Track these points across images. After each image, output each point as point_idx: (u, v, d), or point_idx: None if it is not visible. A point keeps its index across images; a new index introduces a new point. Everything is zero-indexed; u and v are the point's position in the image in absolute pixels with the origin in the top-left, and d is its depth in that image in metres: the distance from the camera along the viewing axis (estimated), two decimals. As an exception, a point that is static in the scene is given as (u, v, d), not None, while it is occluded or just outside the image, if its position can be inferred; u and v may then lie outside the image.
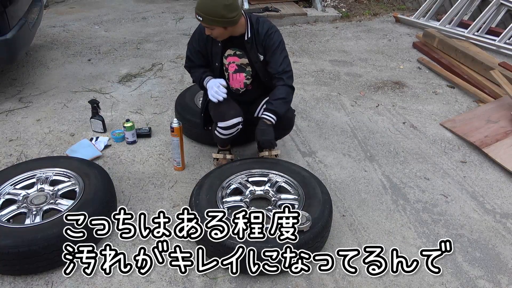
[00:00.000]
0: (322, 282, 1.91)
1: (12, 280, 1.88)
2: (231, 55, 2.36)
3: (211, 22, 2.12)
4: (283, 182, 2.27)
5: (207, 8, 2.09)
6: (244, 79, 2.42)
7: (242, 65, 2.38)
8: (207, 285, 1.88)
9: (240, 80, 2.43)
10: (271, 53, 2.27)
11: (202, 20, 2.13)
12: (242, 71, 2.40)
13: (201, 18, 2.12)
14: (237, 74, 2.41)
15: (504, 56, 4.34)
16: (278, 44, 2.27)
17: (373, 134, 3.08)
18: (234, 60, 2.38)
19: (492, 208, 2.38)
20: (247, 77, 2.41)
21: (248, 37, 2.26)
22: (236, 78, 2.42)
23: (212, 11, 2.08)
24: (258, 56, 2.31)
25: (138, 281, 1.89)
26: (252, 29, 2.26)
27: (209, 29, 2.18)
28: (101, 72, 4.02)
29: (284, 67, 2.28)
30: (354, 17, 5.91)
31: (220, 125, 2.34)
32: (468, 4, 4.88)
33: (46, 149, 2.83)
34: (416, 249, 2.10)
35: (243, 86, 2.45)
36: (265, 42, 2.26)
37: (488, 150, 2.80)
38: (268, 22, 2.30)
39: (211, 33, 2.20)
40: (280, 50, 2.28)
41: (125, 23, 5.55)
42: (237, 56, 2.36)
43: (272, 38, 2.25)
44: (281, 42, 2.29)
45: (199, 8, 2.12)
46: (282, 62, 2.28)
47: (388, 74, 4.09)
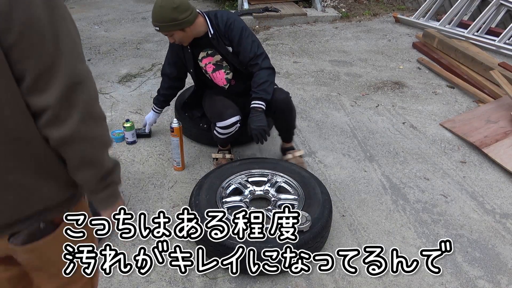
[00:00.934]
0: (322, 282, 1.91)
1: (11, 280, 1.88)
2: (205, 56, 2.41)
3: (167, 28, 2.18)
4: (283, 182, 2.27)
5: (158, 16, 2.16)
6: (224, 75, 2.46)
7: (217, 62, 2.42)
8: (207, 285, 1.88)
9: (221, 78, 2.47)
10: (237, 43, 2.28)
11: (159, 30, 2.20)
12: (220, 68, 2.44)
13: (158, 28, 2.19)
14: (217, 73, 2.45)
15: (503, 56, 4.34)
16: (241, 32, 2.27)
17: (373, 134, 3.08)
18: (209, 61, 2.43)
19: (491, 208, 2.38)
20: (226, 72, 2.46)
21: (211, 34, 2.29)
22: (217, 76, 2.47)
23: (163, 17, 2.14)
24: (227, 49, 2.33)
25: (138, 281, 1.89)
26: (212, 25, 2.29)
27: (170, 36, 2.24)
28: (100, 72, 4.02)
29: (254, 51, 2.28)
30: (354, 17, 5.91)
31: (219, 125, 2.34)
32: (468, 4, 4.88)
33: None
34: (416, 249, 2.10)
35: (226, 82, 2.48)
36: (228, 33, 2.28)
37: (487, 150, 2.81)
38: (225, 13, 2.32)
39: (174, 39, 2.26)
40: (245, 37, 2.28)
41: (125, 23, 5.55)
42: (210, 56, 2.40)
43: (233, 28, 2.27)
44: (243, 28, 2.28)
45: (153, 19, 2.20)
46: (251, 47, 2.28)
47: (388, 74, 4.10)
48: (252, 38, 2.30)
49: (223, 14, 2.31)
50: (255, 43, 2.30)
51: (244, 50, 2.28)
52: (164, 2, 2.14)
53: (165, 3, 2.14)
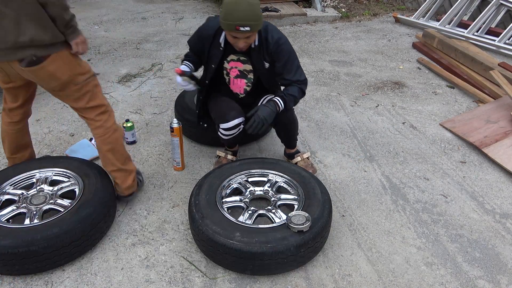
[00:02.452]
0: (322, 282, 1.91)
1: (11, 280, 1.88)
2: (234, 60, 2.32)
3: (256, 27, 2.04)
4: (282, 182, 2.27)
5: (250, 14, 1.99)
6: (244, 85, 2.41)
7: (244, 71, 2.35)
8: (206, 285, 1.88)
9: (241, 86, 2.42)
10: (282, 64, 2.22)
11: (250, 30, 2.02)
12: (243, 77, 2.38)
13: (249, 28, 2.01)
14: (238, 80, 2.40)
15: (503, 56, 4.34)
16: (289, 55, 2.21)
17: (372, 134, 3.08)
18: (236, 66, 2.34)
19: (491, 208, 2.38)
20: (247, 84, 2.40)
21: (255, 45, 2.21)
22: (237, 84, 2.42)
23: (256, 15, 2.00)
24: (264, 63, 2.26)
25: (138, 281, 1.89)
26: (260, 36, 2.20)
27: (247, 37, 2.08)
28: (100, 72, 4.02)
29: (298, 77, 2.26)
30: (353, 17, 5.91)
31: (222, 126, 2.34)
32: (467, 4, 4.88)
33: (45, 149, 2.83)
34: (416, 249, 2.10)
35: (242, 92, 2.44)
36: (275, 52, 2.20)
37: (487, 150, 2.81)
38: (276, 30, 2.23)
39: (246, 43, 2.11)
40: (292, 60, 2.23)
41: (125, 23, 5.55)
42: (241, 62, 2.32)
43: (284, 49, 2.19)
44: (291, 52, 2.23)
45: (243, 18, 1.99)
46: (295, 72, 2.25)
47: (388, 74, 4.10)
48: (297, 63, 2.26)
49: (273, 30, 2.21)
50: (299, 69, 2.27)
51: (287, 73, 2.24)
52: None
53: (252, 0, 2.00)
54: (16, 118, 2.20)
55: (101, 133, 2.09)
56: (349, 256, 2.05)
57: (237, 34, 2.05)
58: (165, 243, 2.10)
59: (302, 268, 1.96)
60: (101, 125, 2.08)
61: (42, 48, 1.80)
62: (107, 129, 2.09)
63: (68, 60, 1.90)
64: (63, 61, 1.88)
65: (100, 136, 2.10)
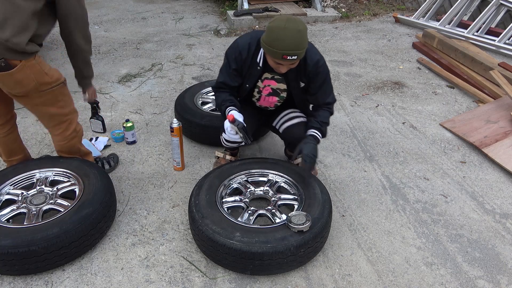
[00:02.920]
0: (322, 282, 1.91)
1: (11, 280, 1.88)
2: (268, 78, 2.24)
3: (302, 55, 1.98)
4: (282, 182, 2.27)
5: (300, 42, 1.91)
6: (275, 102, 2.34)
7: (278, 89, 2.27)
8: (206, 285, 1.88)
9: (272, 102, 2.34)
10: (318, 86, 2.18)
11: (296, 59, 1.94)
12: (275, 95, 2.30)
13: (296, 57, 1.93)
14: (270, 97, 2.31)
15: (503, 56, 4.34)
16: (325, 77, 2.18)
17: (372, 134, 3.08)
18: (270, 84, 2.26)
19: (491, 208, 2.38)
20: (279, 101, 2.33)
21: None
22: (268, 100, 2.33)
23: (304, 43, 1.94)
24: (299, 83, 2.21)
25: (138, 281, 1.89)
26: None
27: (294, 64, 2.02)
28: (100, 72, 4.02)
29: (330, 100, 2.26)
30: (353, 17, 5.91)
31: (225, 136, 2.33)
32: (467, 4, 4.88)
33: (45, 149, 2.83)
34: (416, 249, 2.10)
35: (273, 106, 2.37)
36: (312, 73, 2.13)
37: (487, 150, 2.81)
38: (315, 50, 2.14)
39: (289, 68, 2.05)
40: (327, 83, 2.21)
41: (125, 23, 5.55)
42: (275, 81, 2.23)
43: (322, 71, 2.14)
44: (328, 74, 2.20)
45: (292, 48, 1.90)
46: (329, 95, 2.25)
47: (388, 74, 4.10)
48: (331, 86, 2.25)
49: (312, 50, 2.12)
50: (332, 91, 2.27)
51: (322, 95, 2.23)
52: (300, 25, 1.91)
53: (301, 26, 1.91)
54: (0, 122, 2.19)
55: (58, 140, 2.23)
56: (349, 256, 2.05)
57: (285, 62, 1.97)
58: (165, 243, 2.10)
59: (302, 268, 1.96)
60: (59, 133, 2.20)
61: (13, 52, 1.81)
62: (65, 138, 2.22)
63: (36, 70, 1.92)
64: (31, 70, 1.90)
65: (56, 142, 2.24)
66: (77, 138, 2.29)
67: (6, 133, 2.23)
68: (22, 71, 1.87)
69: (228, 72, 2.21)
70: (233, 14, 5.40)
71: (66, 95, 2.13)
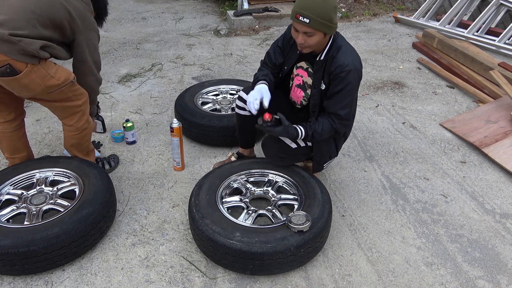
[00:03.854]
0: (322, 282, 1.91)
1: (11, 280, 1.88)
2: (303, 68, 2.15)
3: (319, 25, 1.84)
4: (282, 182, 2.27)
5: (317, 8, 1.81)
6: (301, 98, 2.23)
7: (306, 84, 2.16)
8: (206, 285, 1.88)
9: (299, 97, 2.24)
10: (334, 91, 2.01)
11: (308, 23, 1.83)
12: (303, 89, 2.19)
13: (308, 20, 1.82)
14: (298, 90, 2.22)
15: (503, 56, 4.34)
16: (346, 86, 1.97)
17: (372, 134, 3.08)
18: (302, 74, 2.16)
19: (491, 208, 2.38)
20: (304, 98, 2.22)
21: (320, 59, 2.01)
22: (296, 93, 2.24)
23: (323, 12, 1.82)
24: (321, 84, 2.06)
25: (138, 281, 1.89)
26: (328, 52, 2.00)
27: (308, 35, 1.89)
28: (101, 72, 4.01)
29: (339, 111, 2.02)
30: (353, 17, 5.91)
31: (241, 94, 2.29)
32: (467, 4, 4.88)
33: (45, 149, 2.83)
34: (416, 249, 2.10)
35: (299, 103, 2.27)
36: (334, 74, 1.98)
37: (487, 150, 2.81)
38: (351, 55, 1.99)
39: (306, 40, 1.91)
40: (345, 94, 1.99)
41: (125, 23, 5.55)
42: (307, 73, 2.13)
43: (343, 77, 1.95)
44: (351, 85, 1.98)
45: (306, 8, 1.82)
46: (341, 107, 2.02)
47: (388, 74, 4.10)
48: (349, 100, 2.02)
49: (348, 53, 1.98)
50: (348, 106, 2.03)
51: (335, 102, 2.02)
52: None
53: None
54: (10, 117, 2.21)
55: (70, 130, 2.24)
56: (349, 256, 2.05)
57: (297, 25, 1.88)
58: (165, 243, 2.10)
59: (302, 268, 1.96)
60: (73, 124, 2.21)
61: (22, 54, 1.82)
62: (77, 129, 2.24)
63: (41, 74, 1.92)
64: (36, 75, 1.91)
65: (68, 132, 2.26)
66: (88, 130, 2.31)
67: (13, 128, 2.25)
68: (27, 77, 1.88)
69: (274, 48, 2.23)
70: (233, 14, 5.40)
71: (77, 90, 2.14)
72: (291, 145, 2.18)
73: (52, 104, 2.12)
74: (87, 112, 2.25)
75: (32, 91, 1.96)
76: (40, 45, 1.86)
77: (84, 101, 2.20)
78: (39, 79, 1.92)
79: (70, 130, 2.24)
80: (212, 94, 3.14)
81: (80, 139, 2.29)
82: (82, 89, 2.19)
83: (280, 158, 2.24)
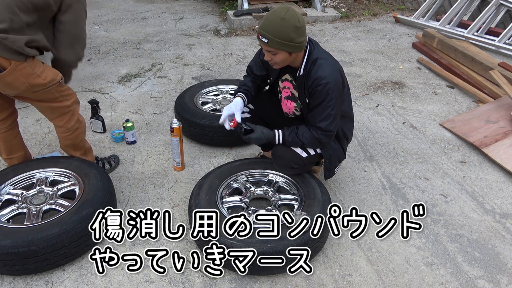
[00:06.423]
0: (322, 282, 1.91)
1: (11, 280, 1.89)
2: (288, 80, 2.17)
3: (278, 45, 1.87)
4: (282, 182, 2.27)
5: (275, 29, 1.85)
6: (293, 109, 2.23)
7: (294, 95, 2.19)
8: (206, 285, 1.88)
9: (290, 108, 2.25)
10: (314, 104, 2.02)
11: (267, 43, 1.88)
12: (293, 100, 2.20)
13: (267, 40, 1.87)
14: (288, 101, 2.23)
15: (503, 56, 4.34)
16: (323, 100, 1.97)
17: (372, 134, 3.08)
18: (289, 87, 2.18)
19: (491, 208, 2.38)
20: (296, 108, 2.22)
21: (299, 74, 2.03)
22: (287, 105, 2.25)
23: (280, 32, 1.85)
24: (305, 97, 2.07)
25: (138, 281, 1.89)
26: (306, 67, 2.01)
27: (272, 53, 1.94)
28: (100, 72, 4.02)
29: (321, 124, 2.02)
30: (353, 17, 5.91)
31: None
32: (467, 4, 4.88)
33: (45, 149, 2.83)
34: (416, 249, 2.10)
35: (291, 113, 2.28)
36: (311, 89, 2.00)
37: (487, 150, 2.81)
38: (327, 67, 1.97)
39: (272, 58, 1.96)
40: (324, 107, 1.98)
41: (125, 23, 5.55)
42: (293, 85, 2.16)
43: (319, 90, 1.95)
44: (329, 98, 1.96)
45: (265, 28, 1.87)
46: (322, 119, 2.01)
47: (388, 74, 4.10)
48: (329, 112, 1.99)
49: (323, 65, 1.97)
50: (329, 118, 2.01)
51: (314, 115, 2.03)
52: (288, 16, 1.84)
53: (289, 17, 1.84)
54: (1, 116, 2.19)
55: (61, 131, 2.24)
56: (349, 256, 2.05)
57: (260, 42, 1.93)
58: (165, 243, 2.10)
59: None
60: (62, 125, 2.21)
61: (6, 51, 1.80)
62: (68, 129, 2.23)
63: (26, 72, 1.90)
64: (21, 73, 1.89)
65: (60, 133, 2.26)
66: (80, 129, 2.30)
67: (7, 128, 2.23)
68: (11, 74, 1.86)
69: (255, 60, 2.27)
70: (233, 14, 5.40)
71: (64, 90, 2.14)
72: (301, 154, 2.16)
73: (41, 105, 2.11)
74: (76, 112, 2.24)
75: (16, 89, 1.94)
76: (25, 41, 1.83)
77: (72, 101, 2.19)
78: (23, 77, 1.90)
79: (62, 131, 2.25)
80: (212, 94, 3.14)
81: (73, 139, 2.29)
82: (71, 89, 2.18)
83: (291, 169, 2.23)
